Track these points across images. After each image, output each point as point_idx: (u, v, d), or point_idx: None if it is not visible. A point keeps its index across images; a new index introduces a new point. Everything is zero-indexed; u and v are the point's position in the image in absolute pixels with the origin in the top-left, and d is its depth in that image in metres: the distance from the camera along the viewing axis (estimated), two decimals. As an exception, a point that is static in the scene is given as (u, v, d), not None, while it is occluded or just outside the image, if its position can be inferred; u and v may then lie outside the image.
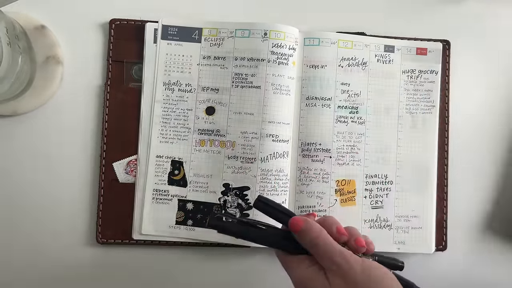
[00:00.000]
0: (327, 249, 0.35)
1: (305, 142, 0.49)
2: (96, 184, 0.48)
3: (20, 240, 0.47)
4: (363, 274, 0.34)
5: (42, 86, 0.47)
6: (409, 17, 0.52)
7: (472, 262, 0.51)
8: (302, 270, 0.36)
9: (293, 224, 0.37)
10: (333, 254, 0.35)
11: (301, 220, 0.37)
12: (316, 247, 0.35)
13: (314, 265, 0.36)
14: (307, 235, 0.36)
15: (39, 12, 0.48)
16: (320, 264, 0.36)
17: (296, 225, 0.36)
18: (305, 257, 0.36)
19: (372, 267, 0.35)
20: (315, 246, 0.35)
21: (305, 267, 0.36)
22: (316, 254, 0.36)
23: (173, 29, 0.48)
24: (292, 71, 0.49)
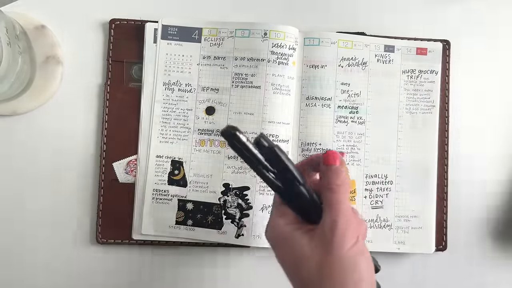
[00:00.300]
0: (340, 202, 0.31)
1: (305, 142, 0.49)
2: (96, 184, 0.48)
3: (20, 240, 0.47)
4: (350, 255, 0.30)
5: (42, 86, 0.47)
6: (409, 17, 0.52)
7: (472, 262, 0.51)
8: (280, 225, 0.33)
9: (330, 156, 0.33)
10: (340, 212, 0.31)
11: (339, 157, 0.34)
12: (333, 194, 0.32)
13: (296, 224, 0.33)
14: (335, 176, 0.32)
15: (39, 12, 0.48)
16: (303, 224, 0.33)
17: (331, 158, 0.33)
18: (291, 213, 0.34)
19: (362, 251, 0.31)
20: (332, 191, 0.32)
21: (284, 222, 0.33)
22: (327, 201, 0.32)
23: (173, 29, 0.48)
24: (292, 71, 0.49)
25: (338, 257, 0.30)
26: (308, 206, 0.33)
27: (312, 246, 0.31)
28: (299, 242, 0.31)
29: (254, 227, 0.47)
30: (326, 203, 0.32)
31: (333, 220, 0.31)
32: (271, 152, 0.32)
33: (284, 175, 0.33)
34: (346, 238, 0.30)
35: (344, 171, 0.33)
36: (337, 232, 0.30)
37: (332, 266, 0.30)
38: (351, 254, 0.30)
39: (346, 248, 0.30)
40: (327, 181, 0.33)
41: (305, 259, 0.31)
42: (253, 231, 0.47)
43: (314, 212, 0.33)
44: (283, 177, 0.33)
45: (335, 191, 0.32)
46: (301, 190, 0.33)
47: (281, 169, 0.32)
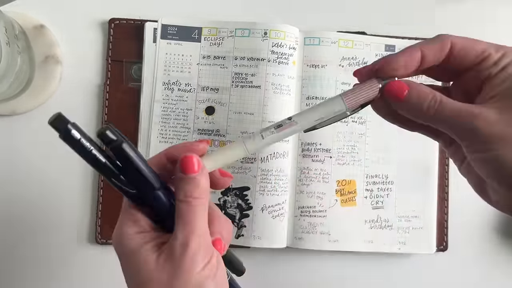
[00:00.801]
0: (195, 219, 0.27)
1: (305, 142, 0.49)
2: (95, 184, 0.48)
3: (20, 240, 0.47)
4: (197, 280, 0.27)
5: (41, 85, 0.47)
6: (410, 17, 0.52)
7: (473, 262, 0.51)
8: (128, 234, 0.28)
9: (187, 164, 0.28)
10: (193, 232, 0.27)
11: (200, 164, 0.28)
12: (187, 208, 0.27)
13: (148, 233, 0.28)
14: (192, 188, 0.27)
15: (38, 11, 0.48)
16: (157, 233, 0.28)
17: (189, 166, 0.28)
18: (143, 218, 0.29)
19: (212, 273, 0.28)
20: (187, 205, 0.27)
21: (133, 230, 0.28)
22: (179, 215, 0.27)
23: (173, 29, 0.48)
24: (292, 70, 0.48)
25: (185, 282, 0.26)
26: (164, 213, 0.28)
27: (159, 265, 0.27)
28: (146, 259, 0.27)
29: (254, 227, 0.47)
30: (179, 217, 0.27)
31: (185, 238, 0.27)
32: (119, 149, 0.26)
33: (135, 176, 0.27)
34: (197, 260, 0.27)
35: (205, 179, 0.28)
36: (188, 252, 0.26)
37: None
38: (200, 279, 0.27)
39: (195, 272, 0.27)
40: (183, 192, 0.28)
41: (150, 280, 0.27)
42: (253, 232, 0.47)
43: (171, 219, 0.28)
44: (135, 179, 0.28)
45: (192, 204, 0.27)
46: (156, 196, 0.28)
47: (130, 171, 0.27)
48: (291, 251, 0.49)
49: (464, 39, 0.28)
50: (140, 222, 0.29)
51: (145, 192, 0.28)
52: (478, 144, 0.26)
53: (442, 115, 0.26)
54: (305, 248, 0.48)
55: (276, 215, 0.47)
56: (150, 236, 0.28)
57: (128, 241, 0.28)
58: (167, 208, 0.28)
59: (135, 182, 0.28)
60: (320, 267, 0.50)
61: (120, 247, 0.28)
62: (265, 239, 0.47)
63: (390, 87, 0.28)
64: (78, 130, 0.25)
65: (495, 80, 0.26)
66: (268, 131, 0.31)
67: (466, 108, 0.26)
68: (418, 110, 0.27)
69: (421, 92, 0.27)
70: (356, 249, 0.48)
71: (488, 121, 0.25)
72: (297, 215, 0.48)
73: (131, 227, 0.28)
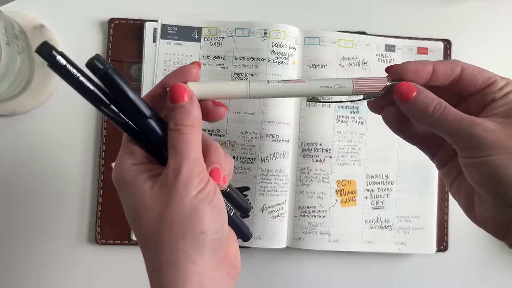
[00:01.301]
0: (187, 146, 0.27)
1: (305, 142, 0.49)
2: (95, 184, 0.48)
3: (19, 240, 0.47)
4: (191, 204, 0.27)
5: (41, 85, 0.47)
6: (410, 16, 0.52)
7: (473, 262, 0.51)
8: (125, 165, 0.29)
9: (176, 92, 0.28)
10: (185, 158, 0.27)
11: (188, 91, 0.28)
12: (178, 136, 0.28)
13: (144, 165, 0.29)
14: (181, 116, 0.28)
15: (38, 11, 0.48)
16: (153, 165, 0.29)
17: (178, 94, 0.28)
18: (140, 151, 0.29)
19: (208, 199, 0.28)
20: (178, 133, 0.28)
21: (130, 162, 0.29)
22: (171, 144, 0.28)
23: (173, 29, 0.48)
24: (292, 70, 0.48)
25: (178, 207, 0.27)
26: (159, 143, 0.29)
27: (154, 193, 0.27)
28: (141, 188, 0.28)
29: (254, 227, 0.47)
30: (171, 146, 0.28)
31: (177, 165, 0.27)
32: (106, 75, 0.26)
33: (125, 105, 0.27)
34: (191, 185, 0.27)
35: (194, 107, 0.28)
36: (180, 178, 0.27)
37: (172, 217, 0.27)
38: (195, 203, 0.27)
39: (189, 196, 0.27)
40: (173, 121, 0.28)
41: (145, 207, 0.27)
42: (253, 232, 0.47)
43: (166, 150, 0.29)
44: (125, 107, 0.28)
45: (182, 132, 0.28)
46: (147, 124, 0.28)
47: (120, 98, 0.27)
48: (291, 251, 0.48)
49: (474, 66, 0.30)
50: (136, 155, 0.29)
51: (136, 120, 0.28)
52: (476, 149, 0.27)
53: (445, 119, 0.28)
54: (305, 248, 0.48)
55: (276, 215, 0.47)
56: (146, 167, 0.29)
57: (125, 172, 0.29)
58: (160, 138, 0.29)
59: (126, 110, 0.28)
60: (320, 267, 0.49)
61: (117, 179, 0.29)
62: (265, 239, 0.47)
63: (401, 87, 0.30)
64: (64, 57, 0.26)
65: (498, 102, 0.29)
66: (274, 80, 0.31)
67: (468, 117, 0.28)
68: (424, 113, 0.29)
69: (428, 95, 0.29)
70: (356, 249, 0.48)
71: (488, 130, 0.27)
72: (297, 215, 0.48)
73: (127, 160, 0.29)
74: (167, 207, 0.27)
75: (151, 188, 0.28)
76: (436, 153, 0.34)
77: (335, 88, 0.31)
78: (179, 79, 0.29)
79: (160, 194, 0.27)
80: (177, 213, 0.27)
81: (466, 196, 0.31)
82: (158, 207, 0.27)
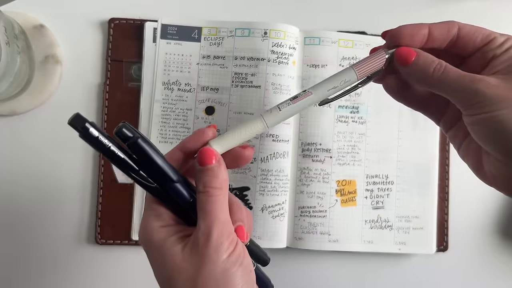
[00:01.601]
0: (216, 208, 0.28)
1: (305, 142, 0.49)
2: (95, 184, 0.48)
3: (19, 240, 0.47)
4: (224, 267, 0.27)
5: (41, 85, 0.47)
6: (410, 16, 0.52)
7: (473, 263, 0.51)
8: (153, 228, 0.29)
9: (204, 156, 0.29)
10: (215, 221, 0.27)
11: (215, 155, 0.29)
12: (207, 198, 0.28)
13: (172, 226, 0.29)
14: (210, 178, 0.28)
15: (38, 11, 0.48)
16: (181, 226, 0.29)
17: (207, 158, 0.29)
18: (166, 212, 0.30)
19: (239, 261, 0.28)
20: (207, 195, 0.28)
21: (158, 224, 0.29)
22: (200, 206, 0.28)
23: (173, 28, 0.48)
24: (292, 70, 0.48)
25: (211, 271, 0.27)
26: (186, 205, 0.30)
27: (186, 256, 0.28)
28: (172, 250, 0.28)
29: (254, 227, 0.47)
30: (201, 209, 0.28)
31: (207, 228, 0.28)
32: (136, 145, 0.28)
33: (154, 171, 0.29)
34: (222, 249, 0.27)
35: (222, 170, 0.29)
36: (211, 241, 0.27)
37: (205, 281, 0.27)
38: (226, 267, 0.27)
39: (221, 260, 0.27)
40: (202, 183, 0.29)
41: (178, 270, 0.27)
42: (253, 232, 0.47)
43: (194, 213, 0.29)
44: (153, 174, 0.29)
45: (211, 194, 0.28)
46: (175, 189, 0.29)
47: (149, 165, 0.28)
48: (291, 251, 0.48)
49: (470, 25, 0.30)
50: (163, 216, 0.29)
51: (164, 185, 0.29)
52: (480, 105, 0.27)
53: (447, 78, 0.28)
54: (305, 248, 0.48)
55: (276, 215, 0.47)
56: (174, 229, 0.29)
57: (153, 235, 0.29)
58: (187, 201, 0.29)
59: (154, 176, 0.29)
60: (320, 267, 0.49)
61: (146, 241, 0.29)
62: (265, 239, 0.47)
63: (400, 51, 0.30)
64: (96, 128, 0.27)
65: (499, 59, 0.28)
66: (284, 104, 0.32)
67: (469, 74, 0.28)
68: (425, 74, 0.29)
69: (428, 57, 0.29)
70: (356, 249, 0.48)
71: (490, 85, 0.27)
72: (297, 215, 0.48)
73: (155, 222, 0.29)
74: (200, 271, 0.27)
75: (182, 251, 0.28)
76: (440, 117, 0.34)
77: (341, 85, 0.32)
78: (199, 141, 0.31)
79: (192, 258, 0.27)
80: (210, 277, 0.27)
81: (474, 156, 0.31)
82: (190, 271, 0.27)
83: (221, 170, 0.29)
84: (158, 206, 0.30)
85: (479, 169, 0.31)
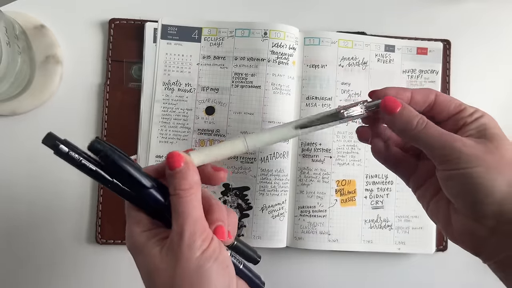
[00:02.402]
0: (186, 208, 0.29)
1: (305, 142, 0.49)
2: (95, 184, 0.48)
3: (20, 240, 0.47)
4: (197, 264, 0.29)
5: (42, 85, 0.47)
6: (410, 17, 0.52)
7: (472, 262, 0.51)
8: (134, 233, 0.30)
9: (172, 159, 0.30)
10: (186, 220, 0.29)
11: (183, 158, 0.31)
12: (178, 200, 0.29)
13: (152, 230, 0.30)
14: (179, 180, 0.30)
15: (39, 11, 0.48)
16: (160, 229, 0.31)
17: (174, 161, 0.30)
18: (145, 218, 0.31)
19: (213, 257, 0.29)
20: (178, 197, 0.30)
21: (138, 229, 0.30)
22: (173, 208, 0.30)
23: (173, 29, 0.48)
24: (292, 70, 0.48)
25: (186, 268, 0.28)
26: (163, 209, 0.31)
27: (163, 256, 0.29)
28: (151, 252, 0.29)
29: (254, 227, 0.47)
30: (173, 210, 0.30)
31: (180, 227, 0.29)
32: (106, 157, 0.30)
33: (127, 180, 0.30)
34: (194, 246, 0.29)
35: (190, 171, 0.30)
36: (184, 240, 0.29)
37: (181, 278, 0.28)
38: (200, 263, 0.29)
39: (194, 257, 0.29)
40: (172, 186, 0.30)
41: (156, 271, 0.29)
42: (253, 232, 0.47)
43: (170, 215, 0.31)
44: (127, 181, 0.30)
45: (181, 196, 0.30)
46: (150, 194, 0.31)
47: (121, 175, 0.30)
48: (291, 251, 0.49)
49: (445, 95, 0.34)
50: (143, 221, 0.31)
51: (138, 191, 0.30)
52: (456, 161, 0.30)
53: (428, 133, 0.31)
54: (305, 248, 0.48)
55: (276, 215, 0.47)
56: (153, 232, 0.30)
57: (135, 240, 0.30)
58: (163, 204, 0.31)
59: (128, 184, 0.30)
60: (320, 267, 0.50)
61: (130, 247, 0.31)
62: (265, 238, 0.47)
63: (388, 100, 0.33)
64: (67, 145, 0.29)
65: (470, 126, 0.32)
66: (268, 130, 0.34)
67: (448, 132, 0.31)
68: (409, 125, 0.32)
69: (412, 110, 0.32)
70: (355, 249, 0.48)
71: (466, 144, 0.30)
72: (297, 215, 0.48)
73: (135, 227, 0.31)
74: (176, 269, 0.29)
75: (159, 252, 0.29)
76: (409, 176, 0.36)
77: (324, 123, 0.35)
78: None
79: (168, 258, 0.29)
80: (185, 274, 0.28)
81: (443, 215, 0.33)
82: (168, 271, 0.29)
83: (189, 172, 0.30)
84: (137, 213, 0.31)
85: (447, 227, 0.33)
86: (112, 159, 0.30)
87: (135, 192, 0.31)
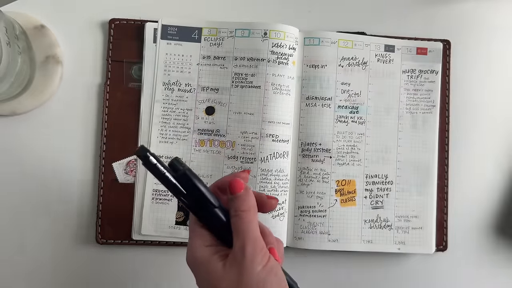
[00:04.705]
0: (247, 228, 0.33)
1: (305, 142, 0.49)
2: (95, 184, 0.48)
3: (20, 240, 0.47)
4: (259, 277, 0.31)
5: (42, 86, 0.47)
6: (410, 17, 0.52)
7: (472, 262, 0.51)
8: (198, 247, 0.33)
9: (234, 185, 0.34)
10: (247, 238, 0.32)
11: (243, 185, 0.34)
12: (239, 220, 0.33)
13: (214, 246, 0.33)
14: (240, 203, 0.34)
15: (39, 11, 0.48)
16: (221, 247, 0.33)
17: (236, 187, 0.34)
18: (208, 234, 0.34)
19: (273, 272, 0.32)
20: (238, 218, 0.33)
21: (202, 244, 0.33)
22: (234, 227, 0.33)
23: (173, 29, 0.48)
24: (292, 70, 0.49)
25: (249, 281, 0.31)
26: (224, 229, 0.34)
27: (227, 270, 0.31)
28: (215, 266, 0.32)
29: (254, 227, 0.47)
30: (234, 229, 0.33)
31: (241, 244, 0.32)
32: (185, 175, 0.33)
33: (198, 197, 0.33)
34: (256, 260, 0.31)
35: (249, 196, 0.34)
36: (247, 255, 0.31)
37: None
38: (262, 276, 0.31)
39: (256, 271, 0.31)
40: (234, 208, 0.33)
41: (221, 281, 0.31)
42: (253, 231, 0.47)
43: (230, 235, 0.33)
44: (197, 199, 0.34)
45: (241, 217, 0.33)
46: (215, 213, 0.34)
47: (194, 192, 0.33)
48: (291, 251, 0.49)
49: None
50: (206, 237, 0.34)
51: (207, 208, 0.34)
52: None
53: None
54: (305, 248, 0.48)
55: (276, 215, 0.47)
56: (216, 249, 0.33)
57: (199, 254, 0.33)
58: (224, 223, 0.34)
59: (199, 202, 0.34)
60: (319, 266, 0.50)
61: (193, 258, 0.33)
62: (265, 239, 0.47)
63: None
64: (155, 158, 0.32)
65: None
66: None
67: None
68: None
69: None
70: (355, 249, 0.48)
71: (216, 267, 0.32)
72: (297, 215, 0.48)
73: (199, 241, 0.33)
74: (240, 282, 0.31)
75: (223, 267, 0.32)
76: None
77: None
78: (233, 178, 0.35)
79: (232, 272, 0.31)
80: (249, 285, 0.31)
81: None
82: (232, 283, 0.31)
83: (248, 196, 0.34)
84: (201, 229, 0.34)
85: None
86: (190, 178, 0.33)
87: (203, 209, 0.34)
